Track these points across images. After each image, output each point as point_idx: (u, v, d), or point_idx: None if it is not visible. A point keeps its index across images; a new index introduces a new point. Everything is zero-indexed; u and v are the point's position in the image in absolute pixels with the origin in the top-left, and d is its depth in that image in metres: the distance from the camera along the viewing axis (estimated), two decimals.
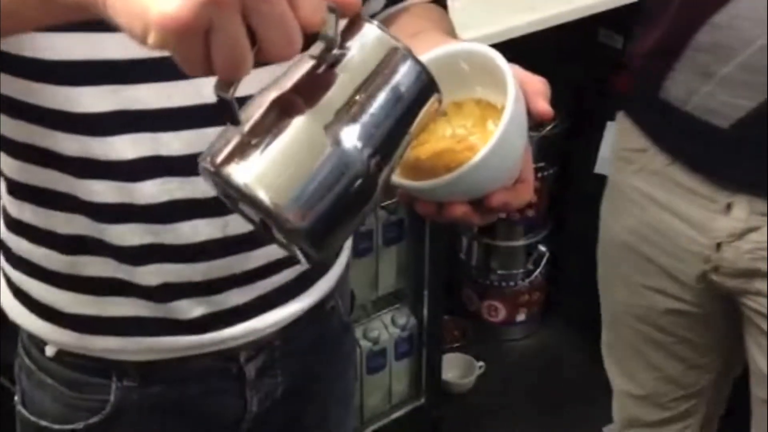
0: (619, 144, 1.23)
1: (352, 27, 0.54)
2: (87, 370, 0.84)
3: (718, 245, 1.09)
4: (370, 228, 1.81)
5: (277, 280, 0.85)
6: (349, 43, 0.54)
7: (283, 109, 0.52)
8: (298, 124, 0.52)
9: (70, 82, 0.71)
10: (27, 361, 0.88)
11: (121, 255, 0.79)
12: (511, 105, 0.60)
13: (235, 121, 0.51)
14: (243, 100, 0.53)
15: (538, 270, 2.29)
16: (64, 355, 0.84)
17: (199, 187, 0.76)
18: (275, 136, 0.51)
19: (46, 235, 0.80)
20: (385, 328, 1.91)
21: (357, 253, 1.76)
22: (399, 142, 0.56)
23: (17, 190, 0.80)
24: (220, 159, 0.52)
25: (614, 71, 1.76)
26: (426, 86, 0.56)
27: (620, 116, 1.23)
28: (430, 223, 1.76)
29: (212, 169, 0.52)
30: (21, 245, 0.82)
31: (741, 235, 1.07)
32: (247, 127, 0.52)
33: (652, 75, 1.11)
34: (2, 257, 0.86)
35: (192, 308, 0.82)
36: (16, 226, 0.82)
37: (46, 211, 0.79)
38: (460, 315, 2.34)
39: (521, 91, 0.62)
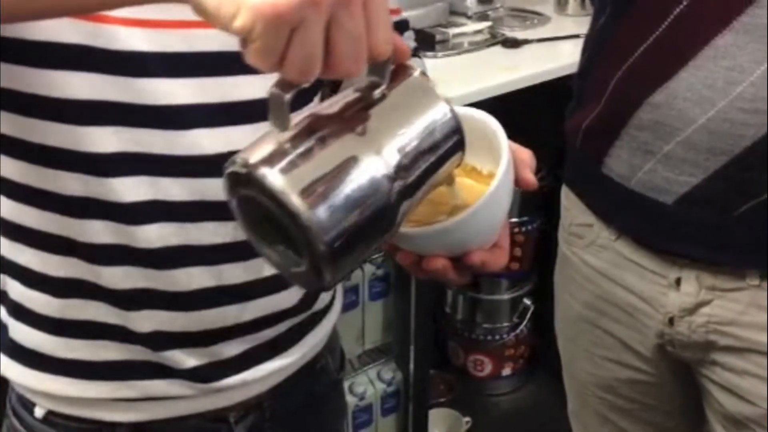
0: (567, 219, 1.21)
1: (399, 72, 0.59)
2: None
3: (671, 320, 1.08)
4: (356, 282, 1.82)
5: (270, 333, 0.85)
6: (394, 85, 0.58)
7: (324, 129, 0.55)
8: (337, 143, 0.54)
9: (75, 120, 0.72)
10: (15, 422, 0.86)
11: (115, 299, 0.78)
12: (503, 168, 0.63)
13: (284, 125, 0.53)
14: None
15: (524, 323, 2.30)
16: (53, 417, 0.83)
17: (195, 234, 0.76)
18: (314, 150, 0.54)
19: (40, 278, 0.79)
20: (371, 384, 1.90)
21: (343, 307, 1.75)
22: (423, 184, 0.59)
23: (13, 231, 0.80)
24: (255, 160, 0.53)
25: None
26: (458, 141, 0.60)
27: (565, 190, 1.21)
28: (416, 277, 1.77)
29: (244, 169, 0.53)
30: (14, 288, 0.82)
31: (692, 310, 1.06)
32: (287, 136, 0.54)
33: (593, 151, 1.10)
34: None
35: (185, 359, 0.81)
36: (11, 269, 0.82)
37: (41, 254, 0.79)
38: (446, 369, 2.33)
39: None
